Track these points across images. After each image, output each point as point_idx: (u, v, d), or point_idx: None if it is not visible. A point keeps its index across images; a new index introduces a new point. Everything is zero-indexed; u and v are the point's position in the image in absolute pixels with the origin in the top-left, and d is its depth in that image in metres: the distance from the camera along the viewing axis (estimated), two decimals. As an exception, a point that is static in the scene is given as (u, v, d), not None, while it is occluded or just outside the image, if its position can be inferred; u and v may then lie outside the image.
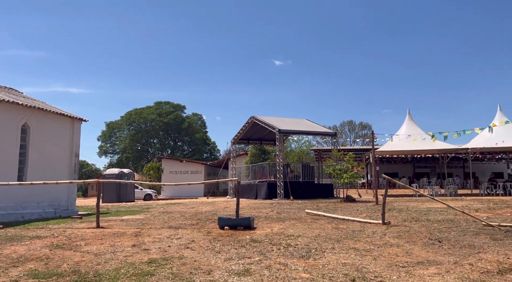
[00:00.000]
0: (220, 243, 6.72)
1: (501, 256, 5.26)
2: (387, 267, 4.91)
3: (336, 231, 7.96)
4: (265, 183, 21.08)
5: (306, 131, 22.77)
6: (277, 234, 7.69)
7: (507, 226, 7.80)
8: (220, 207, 15.37)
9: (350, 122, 67.35)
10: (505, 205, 13.30)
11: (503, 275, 4.40)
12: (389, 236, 7.18)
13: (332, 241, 6.80)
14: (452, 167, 34.73)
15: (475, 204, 13.97)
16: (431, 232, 7.41)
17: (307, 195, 20.12)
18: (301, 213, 11.66)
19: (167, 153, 61.53)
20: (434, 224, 8.66)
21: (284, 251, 6.00)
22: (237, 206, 9.09)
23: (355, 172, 18.94)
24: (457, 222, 8.90)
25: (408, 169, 37.49)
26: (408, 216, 10.40)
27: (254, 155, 29.78)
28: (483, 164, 36.98)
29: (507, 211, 11.27)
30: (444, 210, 11.52)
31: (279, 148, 21.15)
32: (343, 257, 5.51)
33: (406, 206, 13.82)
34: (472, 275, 4.40)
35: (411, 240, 6.67)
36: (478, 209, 12.15)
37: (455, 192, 20.85)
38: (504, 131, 20.84)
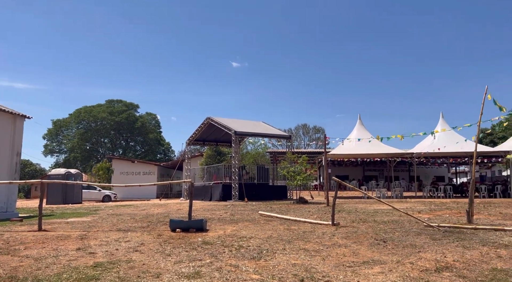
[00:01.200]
0: (171, 246, 6.59)
1: (439, 255, 5.60)
2: (335, 267, 5.06)
3: (288, 232, 8.09)
4: (220, 184, 20.99)
5: (262, 133, 22.98)
6: (229, 236, 7.67)
7: (445, 227, 8.32)
8: (172, 209, 15.09)
9: (305, 125, 68.94)
10: (444, 207, 14.19)
11: (439, 272, 4.68)
12: (337, 236, 7.40)
13: (284, 242, 6.89)
14: (398, 171, 36.56)
15: (419, 206, 14.78)
16: (377, 233, 7.74)
17: (262, 196, 20.28)
18: (254, 215, 11.73)
19: (118, 153, 59.49)
20: (380, 225, 9.05)
21: (236, 252, 5.99)
22: (189, 208, 8.97)
23: (308, 174, 19.37)
24: (401, 223, 9.36)
25: (358, 172, 38.94)
26: (356, 217, 10.79)
27: (210, 157, 29.58)
28: (427, 168, 39.25)
29: (446, 213, 12.04)
30: (390, 211, 12.09)
31: (235, 150, 21.16)
32: (293, 258, 5.60)
33: (355, 207, 14.35)
34: (412, 273, 4.64)
35: (358, 241, 6.92)
36: (421, 210, 12.86)
37: (400, 194, 21.93)
38: (446, 138, 22.27)
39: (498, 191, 21.67)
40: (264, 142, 39.85)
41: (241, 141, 27.78)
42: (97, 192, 27.42)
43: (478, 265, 5.00)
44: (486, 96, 10.11)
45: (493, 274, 4.54)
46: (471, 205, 9.33)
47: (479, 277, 4.46)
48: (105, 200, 26.69)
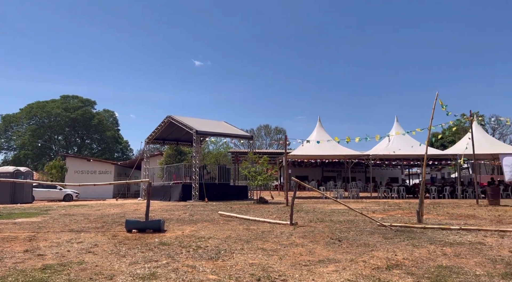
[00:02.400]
0: (126, 247, 6.42)
1: (390, 254, 5.84)
2: (291, 266, 5.14)
3: (247, 232, 8.12)
4: (180, 184, 20.69)
5: (223, 133, 22.91)
6: (187, 236, 7.58)
7: (397, 226, 8.69)
8: (129, 209, 14.70)
9: (266, 126, 69.55)
10: (397, 207, 14.82)
11: (390, 270, 4.89)
12: (295, 236, 7.52)
13: (242, 242, 6.91)
14: (355, 172, 37.77)
15: (373, 206, 15.33)
16: (333, 232, 7.94)
17: (223, 197, 20.22)
18: (214, 215, 11.67)
19: (73, 151, 57.06)
20: (336, 224, 9.30)
21: (194, 253, 5.94)
22: (147, 208, 8.78)
23: (269, 174, 19.55)
24: (356, 222, 9.67)
25: (318, 172, 39.83)
26: (314, 217, 11.03)
27: (170, 156, 29.07)
28: (382, 170, 40.84)
29: (398, 213, 12.57)
30: (346, 211, 12.45)
31: (196, 150, 20.95)
32: (251, 258, 5.63)
33: (314, 207, 14.65)
34: (365, 271, 4.81)
35: (314, 240, 7.07)
36: (375, 210, 13.35)
37: (357, 195, 22.65)
38: (400, 141, 23.26)
39: (447, 192, 22.91)
40: (226, 142, 39.75)
41: (202, 141, 27.54)
42: (57, 191, 26.12)
43: (425, 263, 5.26)
44: (437, 101, 10.68)
45: (439, 271, 4.80)
46: (421, 205, 9.81)
47: (425, 273, 4.69)
48: (67, 199, 25.48)
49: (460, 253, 5.83)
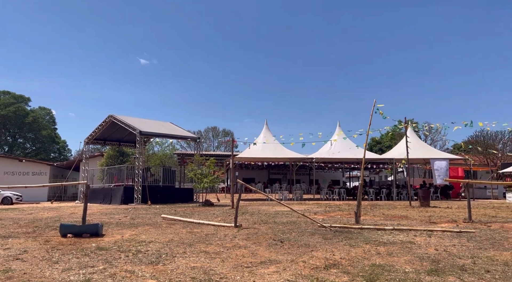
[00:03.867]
0: (60, 253, 6.06)
1: (329, 253, 6.06)
2: (233, 268, 5.15)
3: (190, 235, 8.01)
4: (122, 187, 19.94)
5: (169, 134, 22.44)
6: (127, 240, 7.33)
7: (336, 227, 9.04)
8: (65, 213, 13.90)
9: (214, 128, 69.15)
10: (337, 209, 15.41)
11: (328, 269, 5.07)
12: (239, 238, 7.56)
13: (185, 245, 6.81)
14: (300, 174, 38.72)
15: (315, 208, 15.82)
16: (275, 234, 8.09)
17: (167, 199, 19.78)
18: (157, 218, 11.39)
19: (3, 151, 52.77)
20: (280, 226, 9.47)
21: (133, 258, 5.75)
22: (84, 212, 8.36)
23: (215, 177, 19.44)
24: (298, 223, 9.92)
25: (264, 175, 40.33)
26: (258, 219, 11.15)
27: (111, 157, 27.90)
28: (325, 172, 42.27)
29: (338, 214, 13.08)
30: (290, 213, 12.73)
31: (139, 151, 20.30)
32: (193, 261, 5.56)
33: (259, 209, 14.81)
34: (304, 271, 4.95)
35: (257, 242, 7.15)
36: (317, 212, 13.78)
37: (301, 197, 23.22)
38: (341, 145, 24.24)
39: (383, 194, 24.24)
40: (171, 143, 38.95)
41: (146, 142, 26.75)
42: None
43: (360, 262, 5.53)
44: (375, 108, 11.30)
45: (372, 269, 5.06)
46: (359, 207, 10.29)
47: (360, 272, 4.93)
48: (5, 203, 23.22)
49: (392, 252, 6.20)
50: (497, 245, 6.91)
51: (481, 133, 39.54)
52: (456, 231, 8.50)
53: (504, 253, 6.17)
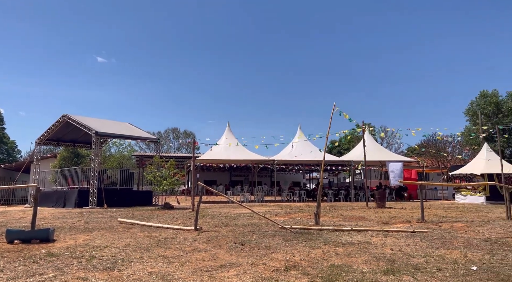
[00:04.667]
0: (5, 260, 5.66)
1: (289, 255, 6.09)
2: (192, 272, 5.04)
3: (148, 239, 7.78)
4: (76, 190, 19.07)
5: (127, 135, 21.76)
6: (81, 246, 6.99)
7: (297, 228, 9.13)
8: (13, 217, 13.09)
9: (175, 129, 68.03)
10: (298, 210, 15.59)
11: (288, 271, 5.08)
12: (199, 241, 7.43)
13: (142, 250, 6.60)
14: (262, 176, 38.93)
15: (276, 209, 15.92)
16: (236, 236, 8.03)
17: (124, 203, 19.15)
18: (113, 222, 10.98)
19: None
20: (241, 228, 9.42)
21: (86, 264, 5.48)
22: (33, 216, 7.88)
23: (175, 179, 19.06)
24: (259, 225, 9.92)
25: (226, 177, 40.16)
26: (219, 221, 11.04)
27: (65, 159, 26.64)
28: (286, 174, 42.75)
29: (298, 215, 13.23)
30: (251, 215, 12.71)
31: (95, 152, 19.53)
32: (151, 266, 5.39)
33: (220, 212, 14.69)
34: (264, 274, 4.93)
35: (218, 245, 7.06)
36: (278, 213, 13.87)
37: (262, 199, 23.31)
38: (302, 147, 24.62)
39: (342, 196, 24.85)
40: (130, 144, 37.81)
41: (103, 143, 25.79)
42: None
43: (320, 263, 5.59)
44: (339, 111, 11.56)
45: (331, 270, 5.13)
46: (318, 208, 10.46)
47: (319, 273, 4.98)
48: None
49: (350, 253, 6.33)
50: (447, 244, 7.25)
51: (432, 137, 41.63)
52: (410, 231, 8.84)
53: (454, 251, 6.48)
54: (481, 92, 41.06)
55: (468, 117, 41.81)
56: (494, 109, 38.94)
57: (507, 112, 38.34)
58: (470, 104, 41.89)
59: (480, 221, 11.34)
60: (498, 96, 39.74)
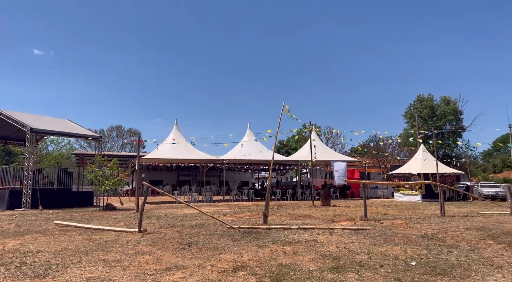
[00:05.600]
0: None
1: (237, 255, 5.99)
2: (135, 276, 4.78)
3: (87, 242, 7.31)
4: (7, 190, 17.59)
5: (66, 132, 20.45)
6: (10, 251, 6.39)
7: (245, 228, 9.07)
8: None
9: (119, 127, 65.25)
10: (246, 209, 15.58)
11: (236, 272, 4.98)
12: (143, 244, 7.11)
13: (80, 254, 6.17)
14: (210, 176, 38.55)
15: (225, 209, 15.78)
16: (183, 237, 7.79)
17: (62, 204, 18.00)
18: (48, 225, 10.23)
19: None
20: (188, 229, 9.18)
21: (16, 271, 5.00)
22: (-46, 220, 7.09)
23: (118, 179, 18.23)
24: (207, 226, 9.74)
25: (173, 176, 39.24)
26: (165, 222, 10.69)
27: (-5, 157, 24.54)
28: (235, 174, 42.68)
29: (247, 215, 13.20)
30: (199, 215, 12.47)
31: (29, 150, 18.14)
32: (89, 271, 5.04)
33: (166, 213, 14.26)
34: (212, 275, 4.79)
35: (163, 247, 6.80)
36: (226, 213, 13.74)
37: (210, 199, 23.05)
38: (251, 147, 24.69)
39: (289, 195, 25.28)
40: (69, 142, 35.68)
41: (39, 140, 24.07)
42: None
43: (268, 262, 5.55)
44: (284, 111, 11.66)
45: (279, 269, 5.11)
46: (266, 207, 10.48)
47: (267, 273, 4.94)
48: None
49: (298, 251, 6.37)
50: (389, 240, 7.56)
51: (374, 138, 43.71)
52: (354, 228, 9.13)
53: (395, 248, 6.76)
54: (418, 96, 43.80)
55: (406, 119, 44.39)
56: (429, 112, 41.68)
57: (440, 115, 41.22)
58: (408, 108, 44.51)
59: (417, 218, 12.01)
60: (433, 100, 42.61)
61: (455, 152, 41.75)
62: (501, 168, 55.20)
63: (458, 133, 41.10)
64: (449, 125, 41.74)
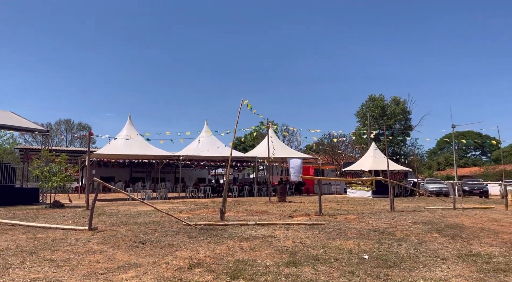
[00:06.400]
0: None
1: (193, 252, 5.88)
2: (85, 276, 4.54)
3: (32, 242, 6.87)
4: None
5: (9, 125, 19.11)
6: None
7: (202, 225, 8.95)
8: None
9: (68, 121, 62.20)
10: (203, 206, 15.40)
11: (192, 269, 4.88)
12: (93, 242, 6.79)
13: (24, 254, 5.78)
14: (165, 172, 37.74)
15: (181, 206, 15.50)
16: (136, 235, 7.54)
17: (4, 201, 16.85)
18: (-12, 224, 9.50)
19: None
20: (142, 226, 8.90)
21: None
22: None
23: (67, 175, 17.33)
24: (162, 223, 9.49)
25: (126, 173, 38.04)
26: (117, 220, 10.30)
27: None
28: (191, 170, 42.12)
29: (204, 211, 13.05)
30: (153, 212, 12.15)
31: (-33, 143, 16.76)
32: (34, 272, 4.73)
33: (118, 210, 13.77)
34: (167, 273, 4.66)
35: (115, 245, 6.53)
36: (182, 210, 13.50)
37: (165, 196, 22.56)
38: (208, 143, 24.44)
39: (246, 191, 25.32)
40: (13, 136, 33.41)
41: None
42: None
43: (225, 258, 5.50)
44: (243, 106, 11.61)
45: (236, 265, 5.07)
46: (224, 203, 10.41)
47: (224, 269, 4.88)
48: None
49: (255, 247, 6.37)
50: (343, 235, 7.77)
51: (328, 136, 44.89)
52: (309, 223, 9.30)
53: (348, 242, 6.95)
54: (370, 96, 45.55)
55: (359, 118, 46.02)
56: (380, 112, 43.48)
57: (390, 115, 43.13)
58: (360, 107, 46.16)
59: (369, 213, 12.47)
60: (383, 100, 44.48)
61: (403, 150, 43.89)
62: (444, 166, 58.87)
63: (407, 132, 43.24)
64: (398, 124, 43.78)
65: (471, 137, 48.01)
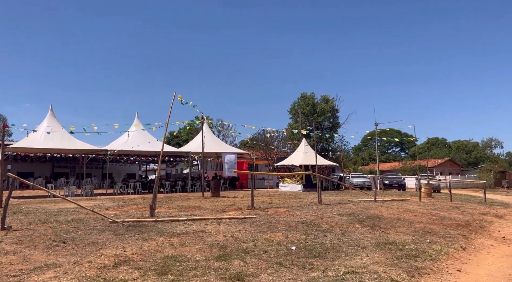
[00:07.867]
0: None
1: (119, 250, 5.65)
2: (-5, 281, 4.16)
3: None
4: None
5: None
6: None
7: (130, 222, 8.63)
8: None
9: (-20, 111, 55.97)
10: (132, 203, 14.84)
11: (117, 267, 4.69)
12: (6, 242, 6.23)
13: None
14: (91, 168, 35.71)
15: (107, 203, 14.79)
16: (57, 234, 7.05)
17: None
18: None
19: None
20: (63, 224, 8.35)
21: None
22: None
23: (-24, 170, 15.61)
24: (86, 221, 8.99)
25: (47, 168, 35.44)
26: (36, 218, 9.55)
27: None
28: (120, 166, 40.33)
29: (132, 208, 12.58)
30: (76, 210, 11.45)
31: None
32: None
33: (37, 207, 12.77)
34: (90, 273, 4.43)
35: (32, 245, 6.06)
36: (109, 207, 12.89)
37: (91, 192, 21.36)
38: (139, 137, 23.57)
39: (179, 187, 24.87)
40: None
41: None
42: None
43: (153, 255, 5.36)
44: (176, 100, 11.36)
45: (165, 262, 4.98)
46: (154, 199, 10.13)
47: (152, 266, 4.77)
48: None
49: (185, 242, 6.30)
50: (272, 227, 7.98)
51: (262, 132, 45.67)
52: (241, 217, 9.41)
53: (278, 234, 7.16)
54: (302, 94, 47.16)
55: (291, 115, 47.45)
56: (311, 109, 45.23)
57: (320, 112, 45.06)
58: (293, 104, 47.60)
59: (298, 206, 12.94)
60: (314, 98, 46.32)
61: (331, 146, 46.15)
62: (368, 161, 63.03)
63: (335, 129, 45.51)
64: (327, 122, 45.91)
65: (392, 135, 51.95)
